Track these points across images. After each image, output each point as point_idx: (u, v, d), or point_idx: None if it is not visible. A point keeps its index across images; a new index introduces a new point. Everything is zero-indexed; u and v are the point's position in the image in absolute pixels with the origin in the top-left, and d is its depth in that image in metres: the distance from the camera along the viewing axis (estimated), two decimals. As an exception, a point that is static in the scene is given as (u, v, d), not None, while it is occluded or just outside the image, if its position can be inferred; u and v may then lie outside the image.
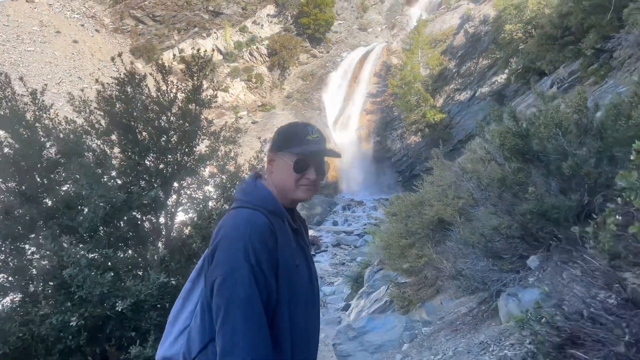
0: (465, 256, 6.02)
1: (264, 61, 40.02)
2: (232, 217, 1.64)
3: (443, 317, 7.29)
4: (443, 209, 9.54)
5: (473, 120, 35.34)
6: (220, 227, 1.63)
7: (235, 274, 1.50)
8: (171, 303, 6.22)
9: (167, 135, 6.90)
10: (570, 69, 24.88)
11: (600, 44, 21.55)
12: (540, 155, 5.23)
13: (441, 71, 36.14)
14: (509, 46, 31.65)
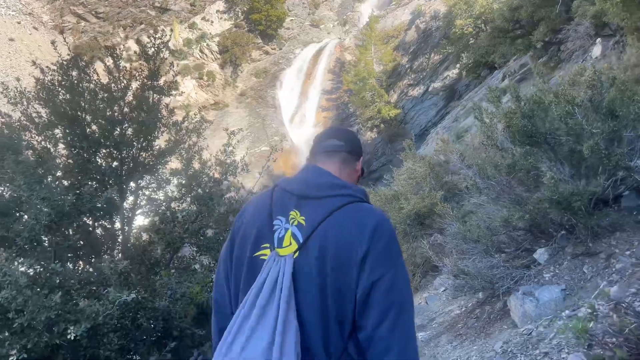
0: (465, 252, 5.45)
1: (215, 58, 38.65)
2: (377, 210, 1.49)
3: (434, 319, 6.71)
4: (420, 203, 9.00)
5: (426, 115, 35.54)
6: (379, 220, 1.44)
7: (404, 271, 1.45)
8: (133, 321, 5.32)
9: (120, 128, 5.95)
10: (521, 61, 25.23)
11: (549, 37, 21.85)
12: (549, 137, 4.71)
13: (394, 67, 36.09)
14: (460, 41, 31.93)
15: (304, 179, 1.56)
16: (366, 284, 1.37)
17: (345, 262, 1.39)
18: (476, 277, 4.90)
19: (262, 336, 1.33)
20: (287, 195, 1.52)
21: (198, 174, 5.90)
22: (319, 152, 1.67)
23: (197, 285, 5.22)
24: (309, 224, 1.44)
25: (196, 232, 6.11)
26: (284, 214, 1.48)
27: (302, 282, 1.39)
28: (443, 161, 10.07)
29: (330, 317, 1.39)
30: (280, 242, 1.45)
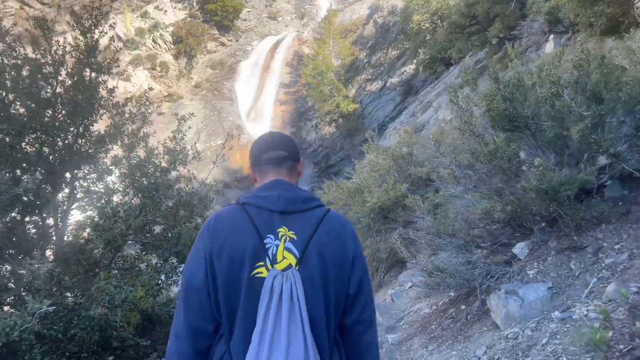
0: (439, 247, 5.01)
1: (169, 49, 37.08)
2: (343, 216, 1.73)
3: (403, 318, 6.27)
4: (385, 196, 8.57)
5: (384, 110, 35.42)
6: (347, 224, 1.69)
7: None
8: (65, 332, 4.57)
9: (52, 110, 5.16)
10: (476, 57, 25.36)
11: (504, 33, 22.01)
12: (530, 122, 4.32)
13: (353, 61, 35.79)
14: (417, 37, 31.89)
15: (281, 196, 1.61)
16: (357, 281, 1.62)
17: (341, 265, 1.58)
18: (454, 274, 4.45)
19: (299, 343, 1.44)
20: (267, 213, 1.58)
21: (143, 163, 5.20)
22: (265, 163, 1.73)
23: (141, 289, 4.54)
24: (301, 238, 1.55)
25: (141, 229, 5.42)
26: (272, 231, 1.55)
27: (309, 290, 1.52)
28: (406, 153, 9.68)
29: (331, 314, 1.58)
30: (274, 258, 1.52)
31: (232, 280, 1.52)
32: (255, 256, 1.52)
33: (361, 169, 10.97)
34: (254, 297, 1.50)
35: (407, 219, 8.72)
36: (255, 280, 1.51)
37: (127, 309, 4.45)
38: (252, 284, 1.51)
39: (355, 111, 34.44)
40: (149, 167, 5.12)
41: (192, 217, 5.38)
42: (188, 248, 5.11)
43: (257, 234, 1.53)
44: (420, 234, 5.58)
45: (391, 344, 5.17)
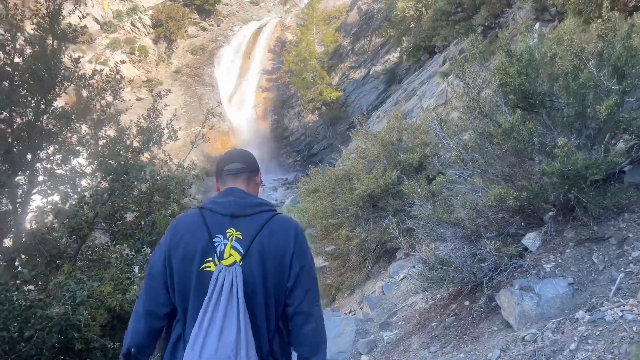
0: (441, 238, 4.55)
1: (148, 32, 35.78)
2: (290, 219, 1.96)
3: (396, 313, 5.83)
4: (374, 183, 8.10)
5: (367, 99, 34.93)
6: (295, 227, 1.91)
7: (313, 263, 1.96)
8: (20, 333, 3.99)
9: (9, 82, 4.52)
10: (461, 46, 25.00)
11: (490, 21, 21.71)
12: (546, 99, 3.87)
13: (336, 48, 35.13)
14: (401, 24, 31.38)
15: (232, 202, 1.85)
16: (295, 275, 1.84)
17: (280, 262, 1.82)
18: (460, 268, 4.01)
19: (232, 329, 1.66)
20: (219, 217, 1.82)
21: (112, 143, 4.61)
22: (225, 175, 1.96)
23: (109, 285, 3.98)
24: (246, 238, 1.80)
25: (111, 216, 4.84)
26: (222, 232, 1.80)
27: (249, 283, 1.76)
28: (395, 139, 9.21)
29: (270, 304, 1.81)
30: (221, 255, 1.77)
31: (185, 273, 1.77)
32: (205, 252, 1.76)
33: (348, 155, 10.48)
34: (203, 288, 1.72)
35: (398, 207, 8.28)
36: (204, 274, 1.75)
37: (94, 307, 3.90)
38: (201, 277, 1.74)
39: (338, 99, 33.86)
40: (119, 147, 4.54)
41: (169, 204, 4.82)
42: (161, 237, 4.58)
43: (208, 234, 1.77)
44: (418, 223, 5.12)
45: (387, 342, 4.72)
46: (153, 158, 4.73)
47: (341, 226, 8.66)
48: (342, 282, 9.16)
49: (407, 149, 8.83)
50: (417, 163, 8.56)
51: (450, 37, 25.38)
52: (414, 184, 5.13)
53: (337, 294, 9.03)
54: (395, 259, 8.50)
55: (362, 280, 8.65)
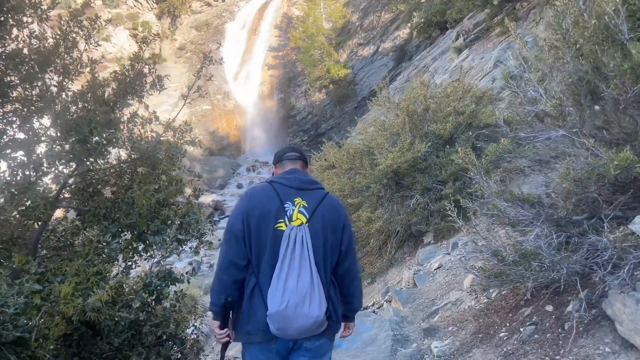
0: (512, 222, 3.39)
1: (152, 8, 34.27)
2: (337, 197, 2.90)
3: (437, 312, 4.71)
4: (401, 157, 6.92)
5: (376, 76, 33.43)
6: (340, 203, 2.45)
7: None
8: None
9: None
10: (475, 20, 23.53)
11: (509, -7, 20.22)
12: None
13: (344, 24, 33.58)
14: (412, -2, 29.84)
15: (297, 178, 2.37)
16: (347, 242, 2.37)
17: (336, 228, 2.32)
18: (550, 265, 2.85)
19: (306, 274, 2.14)
20: (287, 188, 2.32)
21: (81, 95, 3.45)
22: (285, 159, 2.51)
23: (69, 284, 2.86)
24: (310, 206, 2.29)
25: (81, 191, 3.70)
26: (291, 200, 2.29)
27: (314, 239, 2.23)
28: (422, 109, 8.00)
29: (327, 260, 2.28)
30: (290, 218, 2.25)
31: (261, 231, 2.23)
32: (278, 215, 2.24)
33: (364, 128, 9.27)
34: (276, 243, 2.20)
35: (427, 185, 7.12)
36: (277, 232, 2.22)
37: (46, 315, 2.78)
38: (275, 234, 2.21)
39: (346, 77, 32.43)
40: (88, 99, 3.39)
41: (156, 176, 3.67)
42: (146, 220, 3.42)
43: (280, 201, 2.28)
44: (475, 202, 3.96)
45: (437, 356, 3.61)
46: (133, 116, 3.57)
47: (360, 206, 7.52)
48: (360, 268, 8.06)
49: (436, 119, 7.63)
50: (448, 134, 7.37)
51: (466, 9, 23.93)
52: (469, 152, 3.95)
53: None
54: (422, 244, 7.37)
55: (383, 268, 7.55)
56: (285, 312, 2.06)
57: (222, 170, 28.85)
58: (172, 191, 3.26)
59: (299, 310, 2.07)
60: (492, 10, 20.89)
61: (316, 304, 2.10)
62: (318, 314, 2.10)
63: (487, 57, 20.18)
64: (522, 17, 19.36)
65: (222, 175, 28.56)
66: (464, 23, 24.98)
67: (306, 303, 2.08)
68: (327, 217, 2.28)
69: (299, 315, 2.07)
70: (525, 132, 3.55)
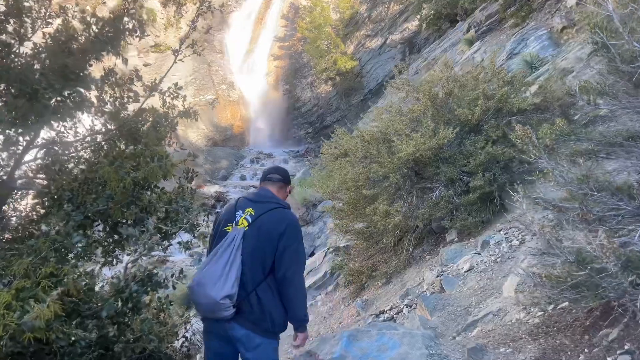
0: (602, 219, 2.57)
1: (156, -5, 33.38)
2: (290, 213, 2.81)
3: (475, 324, 3.90)
4: (424, 144, 6.10)
5: (384, 69, 32.52)
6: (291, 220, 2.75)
7: (302, 248, 2.78)
8: None
9: None
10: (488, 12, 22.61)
11: (523, -17, 19.33)
12: None
13: (352, 15, 32.62)
14: (423, -11, 28.83)
15: (258, 194, 2.83)
16: (280, 250, 2.61)
17: (271, 237, 2.62)
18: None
19: (221, 263, 2.52)
20: (247, 201, 2.77)
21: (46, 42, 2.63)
22: (266, 180, 2.90)
23: (9, 290, 2.07)
24: (255, 214, 2.68)
25: (43, 169, 2.90)
26: (243, 209, 2.73)
27: (247, 242, 2.60)
28: (445, 93, 7.16)
29: (256, 260, 2.59)
30: (237, 222, 2.68)
31: (218, 233, 2.72)
32: (229, 220, 2.72)
33: (379, 115, 8.43)
34: (220, 240, 2.64)
35: (452, 176, 6.29)
36: (224, 232, 2.67)
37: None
38: (222, 234, 2.67)
39: (353, 69, 31.50)
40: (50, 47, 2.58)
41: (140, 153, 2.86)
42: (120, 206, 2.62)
43: (233, 211, 2.74)
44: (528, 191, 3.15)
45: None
46: (109, 74, 2.76)
47: (376, 199, 6.70)
48: (373, 267, 7.26)
49: (462, 104, 6.79)
50: (476, 120, 6.53)
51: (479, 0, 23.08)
52: (528, 131, 3.12)
53: (368, 282, 7.14)
54: (444, 242, 6.56)
55: (400, 267, 6.74)
56: (193, 289, 2.52)
57: (225, 162, 28.06)
58: (154, 170, 2.46)
59: (201, 290, 2.48)
60: (506, 2, 20.00)
61: (219, 288, 2.44)
62: (216, 296, 2.43)
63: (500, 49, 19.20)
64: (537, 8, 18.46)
65: (226, 166, 27.77)
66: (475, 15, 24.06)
67: (209, 285, 2.45)
68: (264, 225, 2.63)
69: (201, 294, 2.48)
70: (608, 104, 2.73)
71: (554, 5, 17.25)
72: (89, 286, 2.64)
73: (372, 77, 32.30)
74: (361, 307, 6.51)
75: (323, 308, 7.71)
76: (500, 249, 5.12)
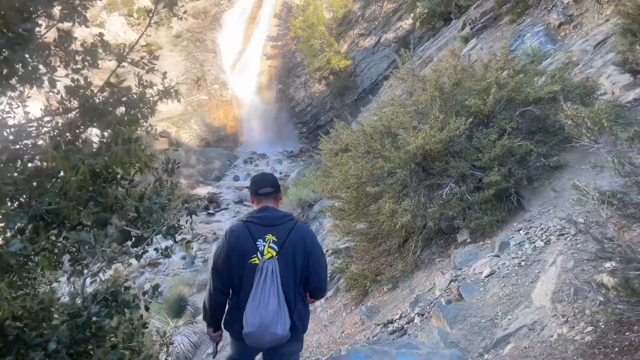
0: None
1: (147, -6, 32.69)
2: (306, 226, 2.97)
3: (507, 340, 3.33)
4: (434, 137, 5.54)
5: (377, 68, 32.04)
6: (309, 231, 2.88)
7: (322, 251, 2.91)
8: None
9: None
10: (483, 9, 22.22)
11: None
12: None
13: (345, 14, 32.11)
14: (416, -12, 28.36)
15: (267, 216, 2.75)
16: (313, 266, 2.75)
17: (302, 256, 2.71)
18: None
19: (274, 301, 2.56)
20: (259, 227, 2.71)
21: None
22: (261, 194, 2.83)
23: None
24: (279, 240, 2.68)
25: None
26: (262, 237, 2.69)
27: (283, 269, 2.64)
28: (452, 83, 6.61)
29: (297, 283, 2.72)
30: (262, 252, 2.65)
31: (240, 265, 2.67)
32: (251, 251, 2.65)
33: (380, 108, 7.86)
34: (251, 274, 2.62)
35: (464, 171, 5.74)
36: (252, 265, 2.64)
37: None
38: (250, 267, 2.64)
39: (347, 68, 30.98)
40: None
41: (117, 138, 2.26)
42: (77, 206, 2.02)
43: (252, 239, 2.68)
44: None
45: None
46: (66, 36, 2.17)
47: (381, 196, 6.13)
48: (377, 270, 6.68)
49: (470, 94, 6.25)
50: (488, 111, 5.98)
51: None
52: (579, 109, 2.55)
53: (372, 286, 6.56)
54: (455, 243, 6.00)
55: (407, 270, 6.16)
56: (256, 333, 2.56)
57: (218, 162, 27.40)
58: (119, 156, 1.88)
59: (267, 331, 2.55)
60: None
61: (281, 325, 2.57)
62: (282, 333, 2.57)
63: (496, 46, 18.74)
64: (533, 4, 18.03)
65: (219, 167, 27.11)
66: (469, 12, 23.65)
67: (273, 325, 2.56)
68: (291, 248, 2.69)
69: (267, 334, 2.56)
70: None
71: (550, 2, 16.84)
72: (42, 305, 2.04)
73: (366, 76, 31.80)
74: (366, 314, 5.93)
75: (323, 315, 7.11)
76: (523, 251, 4.57)
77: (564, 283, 3.45)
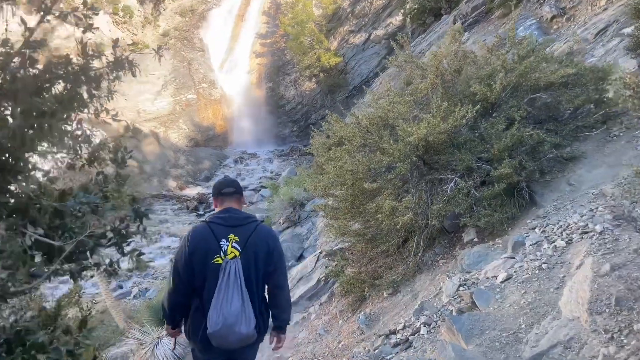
0: None
1: (133, -8, 31.77)
2: (269, 227, 3.12)
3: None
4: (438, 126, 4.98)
5: (368, 65, 31.48)
6: (271, 232, 3.03)
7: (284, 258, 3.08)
8: None
9: None
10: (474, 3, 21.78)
11: (511, -29, 18.47)
12: None
13: (335, 10, 31.50)
14: (406, -17, 27.87)
15: (230, 217, 2.84)
16: (274, 263, 2.87)
17: (265, 256, 2.82)
18: None
19: (237, 300, 2.63)
20: (222, 227, 2.79)
21: None
22: (224, 194, 2.94)
23: None
24: (242, 240, 2.76)
25: None
26: (225, 237, 2.75)
27: (245, 268, 2.72)
28: (453, 70, 6.08)
29: (259, 282, 2.82)
30: (225, 252, 2.73)
31: (203, 265, 2.71)
32: (215, 252, 2.72)
33: (375, 100, 7.29)
34: (215, 274, 2.68)
35: (470, 164, 5.19)
36: (215, 265, 2.70)
37: None
38: (213, 267, 2.70)
39: (337, 65, 30.40)
40: None
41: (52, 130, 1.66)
42: None
43: (216, 239, 2.74)
44: None
45: None
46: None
47: (378, 193, 5.57)
48: (375, 273, 6.10)
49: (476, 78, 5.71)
50: (495, 98, 5.45)
51: (466, -10, 22.22)
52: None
53: (370, 291, 5.99)
54: (461, 243, 5.45)
55: (409, 274, 5.61)
56: (220, 331, 2.61)
57: (208, 162, 26.69)
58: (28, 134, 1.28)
59: (231, 330, 2.60)
60: (496, -8, 19.22)
61: (245, 324, 2.63)
62: (247, 332, 2.65)
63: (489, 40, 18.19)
64: (524, -3, 17.64)
65: (208, 167, 26.41)
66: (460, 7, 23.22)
67: (237, 324, 2.61)
68: (254, 248, 2.78)
69: (231, 333, 2.61)
70: None
71: (543, -4, 16.45)
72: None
73: (356, 73, 31.24)
74: (365, 323, 5.36)
75: (317, 322, 6.54)
76: (542, 252, 4.03)
77: (601, 290, 2.92)
